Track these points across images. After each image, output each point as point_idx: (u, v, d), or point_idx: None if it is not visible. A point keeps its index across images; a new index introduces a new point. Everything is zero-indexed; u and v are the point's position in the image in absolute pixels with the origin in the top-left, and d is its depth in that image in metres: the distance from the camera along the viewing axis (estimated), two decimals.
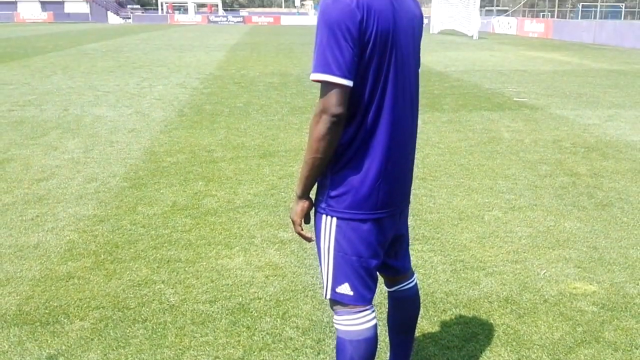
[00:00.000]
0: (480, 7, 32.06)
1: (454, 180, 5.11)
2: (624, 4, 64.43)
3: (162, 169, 5.34)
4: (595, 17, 44.79)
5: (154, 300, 2.97)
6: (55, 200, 4.47)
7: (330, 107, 1.61)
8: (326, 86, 1.61)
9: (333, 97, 1.60)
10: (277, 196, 4.63)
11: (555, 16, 34.98)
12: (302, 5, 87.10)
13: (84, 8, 64.52)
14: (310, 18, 64.13)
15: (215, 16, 63.57)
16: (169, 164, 5.51)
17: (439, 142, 6.55)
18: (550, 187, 4.98)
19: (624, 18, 61.73)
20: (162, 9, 71.27)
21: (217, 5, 73.60)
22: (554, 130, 7.28)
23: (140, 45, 23.10)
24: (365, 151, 1.71)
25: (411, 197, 1.98)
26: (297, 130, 7.10)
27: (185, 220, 4.08)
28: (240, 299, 2.98)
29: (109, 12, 63.95)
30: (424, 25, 1.91)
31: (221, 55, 18.11)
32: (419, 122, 1.94)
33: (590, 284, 3.19)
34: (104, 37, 28.75)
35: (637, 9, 65.84)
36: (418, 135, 1.92)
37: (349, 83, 1.60)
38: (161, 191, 4.71)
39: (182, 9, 73.22)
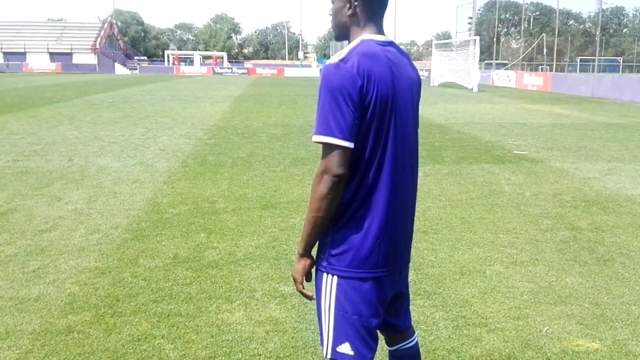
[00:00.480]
0: (480, 60, 32.77)
1: (456, 234, 5.13)
2: (621, 58, 66.04)
3: (164, 221, 5.37)
4: (593, 71, 45.76)
5: (153, 355, 2.94)
6: (58, 252, 4.48)
7: (332, 168, 1.68)
8: (328, 148, 1.68)
9: (335, 158, 1.68)
10: (278, 249, 4.64)
11: (554, 70, 35.67)
12: (305, 57, 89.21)
13: (92, 59, 66.08)
14: (313, 70, 65.48)
15: (221, 68, 64.97)
16: (172, 215, 5.55)
17: (440, 194, 6.60)
18: (551, 241, 4.98)
19: (622, 71, 63.14)
20: (168, 61, 72.95)
21: (222, 57, 75.35)
22: (554, 183, 7.33)
23: (146, 96, 23.55)
24: (366, 210, 1.76)
25: (412, 251, 2.00)
26: (299, 181, 7.17)
27: (187, 273, 4.09)
28: (240, 355, 2.96)
29: (116, 63, 65.43)
30: (423, 79, 2.01)
31: (225, 107, 18.43)
32: (420, 174, 1.99)
33: (593, 342, 3.17)
34: (110, 88, 29.35)
35: (634, 63, 67.37)
36: (419, 187, 1.97)
37: (350, 145, 1.68)
38: (163, 243, 4.73)
39: (188, 60, 74.93)
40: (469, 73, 31.04)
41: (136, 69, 65.05)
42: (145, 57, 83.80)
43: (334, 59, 1.73)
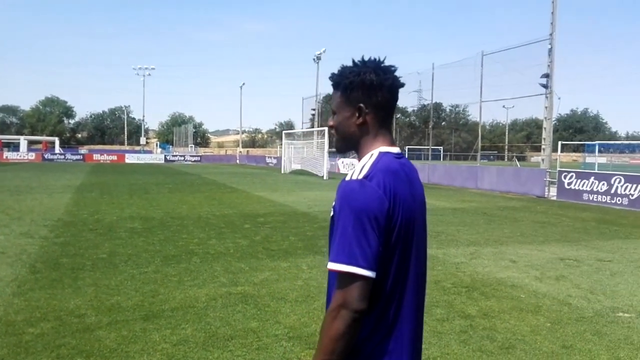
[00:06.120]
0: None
1: None
2: (442, 147, 74.63)
3: (25, 344, 4.44)
4: (420, 159, 51.01)
5: None
6: None
7: (352, 302, 1.43)
8: (349, 278, 1.45)
9: (356, 290, 1.44)
10: None
11: None
12: (147, 143, 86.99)
13: None
14: (156, 156, 63.79)
15: (52, 153, 60.49)
16: (33, 337, 4.62)
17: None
18: (452, 332, 5.00)
19: (443, 159, 71.06)
20: None
21: (53, 142, 70.37)
22: (430, 270, 7.55)
23: None
24: (386, 349, 1.50)
25: None
26: (177, 283, 6.52)
27: None
28: None
29: None
30: (273, 166, 1.87)
31: (68, 198, 16.82)
32: (303, 266, 1.75)
33: None
34: None
35: (452, 152, 76.75)
36: (306, 283, 1.72)
37: (373, 275, 1.46)
38: None
39: (12, 145, 68.69)
40: (318, 161, 32.35)
41: None
42: None
43: (356, 174, 1.52)
